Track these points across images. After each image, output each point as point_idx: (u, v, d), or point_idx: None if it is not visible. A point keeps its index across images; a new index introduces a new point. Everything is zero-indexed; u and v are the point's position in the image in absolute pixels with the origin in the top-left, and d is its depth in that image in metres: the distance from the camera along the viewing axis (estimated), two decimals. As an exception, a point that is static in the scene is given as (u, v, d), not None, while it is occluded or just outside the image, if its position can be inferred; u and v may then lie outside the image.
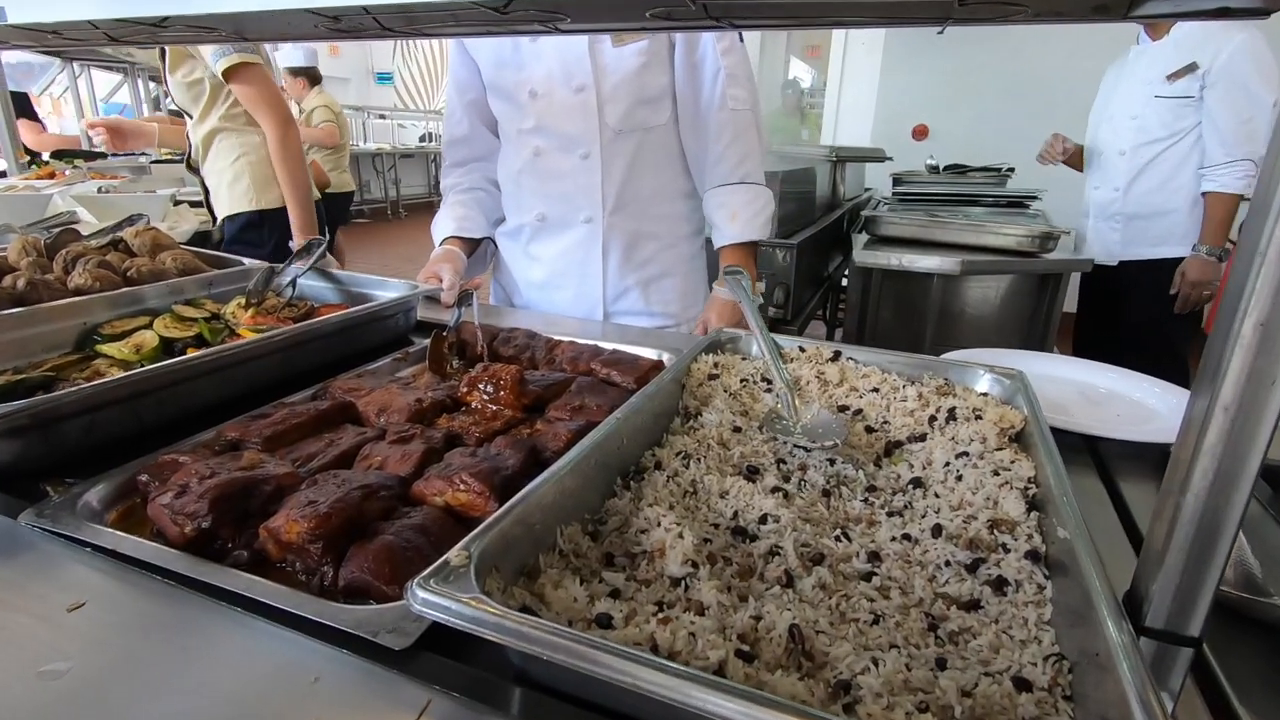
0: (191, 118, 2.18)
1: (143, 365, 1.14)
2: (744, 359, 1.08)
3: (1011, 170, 4.64)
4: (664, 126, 1.51)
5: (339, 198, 5.17)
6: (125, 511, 0.73)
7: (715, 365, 1.02)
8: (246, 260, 1.55)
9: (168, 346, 1.19)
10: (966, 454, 0.79)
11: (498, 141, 1.66)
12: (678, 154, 1.55)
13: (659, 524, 0.64)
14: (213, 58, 1.95)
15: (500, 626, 0.44)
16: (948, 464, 0.79)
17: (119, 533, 0.65)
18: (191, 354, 1.11)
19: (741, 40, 1.49)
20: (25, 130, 3.66)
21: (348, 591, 0.59)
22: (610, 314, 1.58)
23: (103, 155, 3.60)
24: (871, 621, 0.55)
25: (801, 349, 1.08)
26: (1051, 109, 5.48)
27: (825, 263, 3.65)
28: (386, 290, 1.39)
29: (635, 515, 0.68)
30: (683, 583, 0.58)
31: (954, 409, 0.90)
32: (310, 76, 5.04)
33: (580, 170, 1.47)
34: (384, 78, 12.89)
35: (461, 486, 0.69)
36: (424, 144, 12.65)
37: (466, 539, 0.54)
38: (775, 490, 0.74)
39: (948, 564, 0.63)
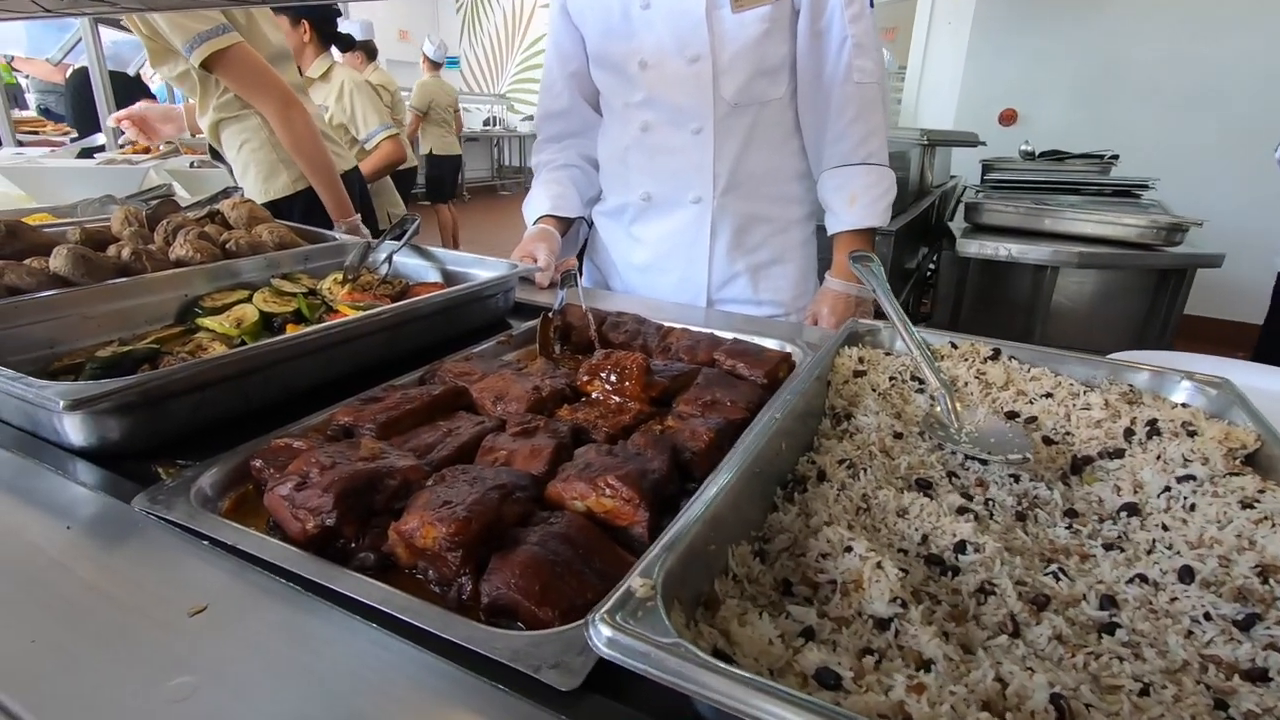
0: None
1: (243, 340, 1.10)
2: (888, 354, 0.97)
3: (1115, 157, 4.31)
4: (781, 100, 1.39)
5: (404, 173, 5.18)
6: (238, 499, 0.67)
7: (860, 361, 0.91)
8: (339, 235, 1.51)
9: (267, 321, 1.15)
10: (1192, 478, 0.66)
11: (598, 117, 1.57)
12: (793, 131, 1.43)
13: (848, 549, 0.54)
14: (185, 51, 1.73)
15: (727, 692, 0.35)
16: (1167, 489, 0.66)
17: (239, 526, 0.59)
18: (297, 330, 1.07)
19: (871, 6, 1.35)
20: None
21: (491, 610, 0.52)
22: (715, 301, 1.47)
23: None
24: (1139, 692, 0.44)
25: (953, 345, 0.96)
26: (1155, 94, 5.09)
27: (913, 253, 3.46)
28: (484, 269, 1.32)
29: (811, 535, 0.58)
30: (891, 625, 0.48)
31: (1154, 421, 0.77)
32: (367, 51, 4.99)
33: (691, 146, 1.37)
34: (451, 62, 13.01)
35: (608, 491, 0.61)
36: (488, 128, 12.73)
37: (648, 562, 0.45)
38: (963, 511, 0.63)
39: (1207, 617, 0.51)
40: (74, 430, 0.71)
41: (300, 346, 0.87)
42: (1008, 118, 5.96)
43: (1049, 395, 0.85)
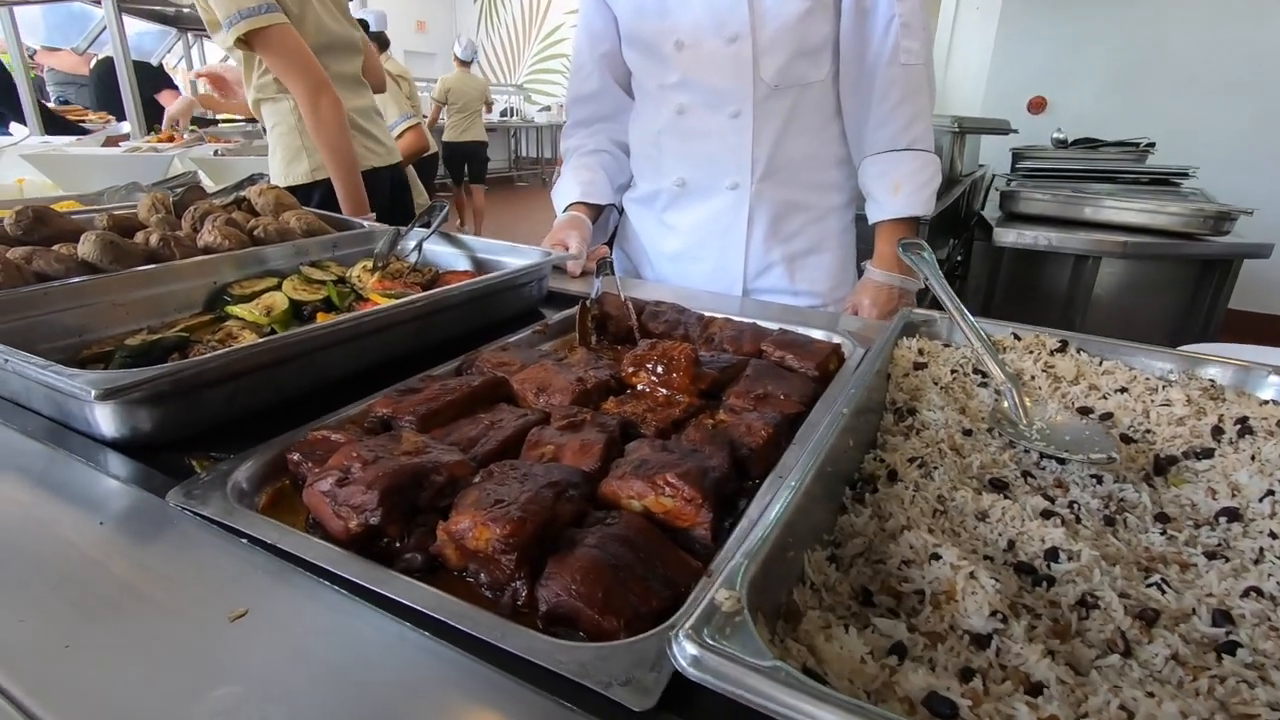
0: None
1: (273, 329, 1.08)
2: (946, 345, 0.92)
3: (1152, 145, 4.18)
4: (822, 83, 1.33)
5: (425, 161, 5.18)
6: (275, 494, 0.64)
7: (920, 353, 0.86)
8: (367, 222, 1.48)
9: (296, 310, 1.12)
10: (1298, 481, 0.61)
11: (629, 100, 1.53)
12: (834, 115, 1.37)
13: (934, 556, 0.50)
14: (225, 25, 1.70)
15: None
16: (1271, 493, 0.61)
17: (278, 524, 0.56)
18: (329, 319, 1.04)
19: None
20: (172, 100, 3.79)
21: (550, 618, 0.48)
22: (750, 291, 1.43)
23: (213, 122, 3.68)
24: (1278, 722, 0.40)
25: (1016, 336, 0.91)
26: (1192, 81, 4.93)
27: (943, 244, 3.38)
28: (516, 257, 1.29)
29: (888, 540, 0.54)
30: (991, 643, 0.43)
31: (1244, 419, 0.71)
32: (379, 41, 4.96)
33: (729, 130, 1.32)
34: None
35: (668, 490, 0.57)
36: (505, 119, 12.70)
37: (729, 572, 0.41)
38: (1047, 515, 0.58)
39: (1336, 636, 0.47)
40: (106, 421, 0.68)
41: (334, 335, 0.84)
42: (1037, 105, 5.81)
43: (1124, 390, 0.80)
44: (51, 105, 3.64)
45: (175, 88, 4.38)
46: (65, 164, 2.07)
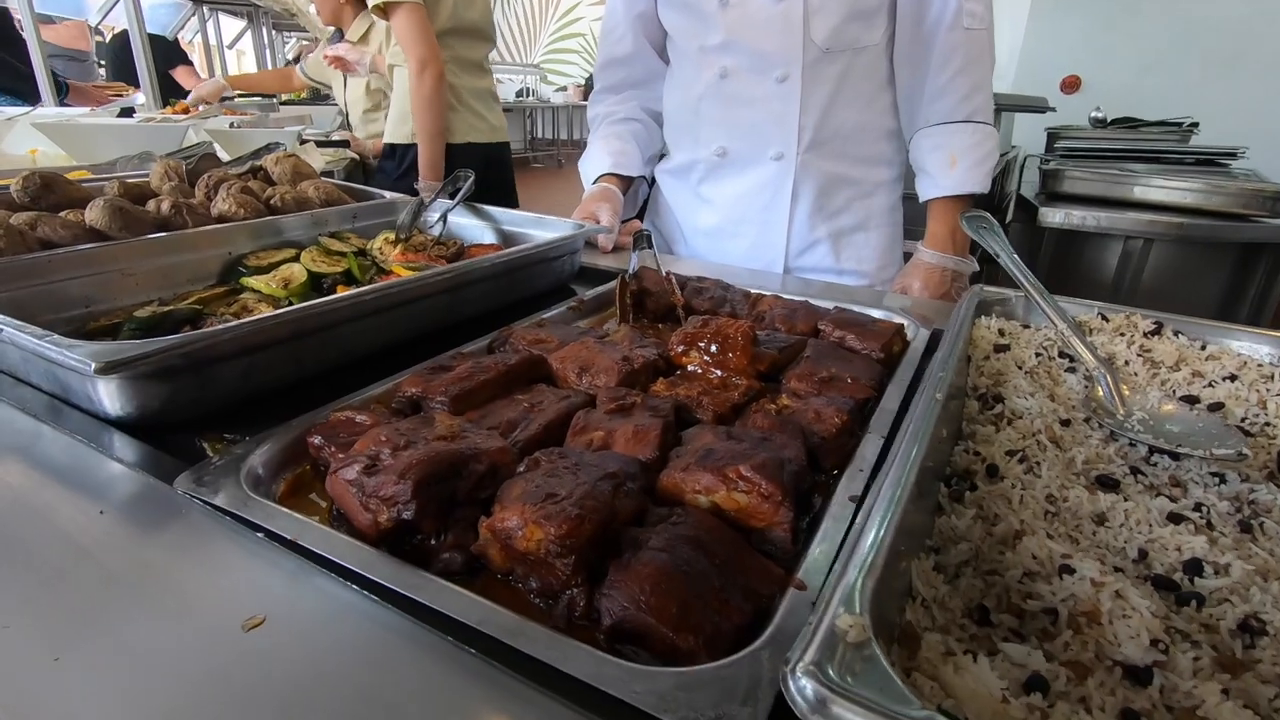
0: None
1: (291, 302, 1.01)
2: (1025, 327, 0.83)
3: (1195, 125, 4.01)
4: (876, 48, 1.24)
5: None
6: (295, 482, 0.58)
7: (1001, 334, 0.78)
8: (388, 193, 1.40)
9: (315, 282, 1.06)
10: None
11: (663, 65, 1.44)
12: (886, 84, 1.27)
13: (1066, 569, 0.42)
14: None
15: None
16: None
17: (299, 516, 0.49)
18: (349, 291, 0.97)
19: None
20: (186, 76, 3.73)
21: (615, 634, 0.41)
22: (792, 269, 1.34)
23: (228, 97, 3.62)
24: None
25: (1104, 317, 0.83)
26: (1238, 58, 4.72)
27: (976, 225, 3.26)
28: (545, 230, 1.21)
29: (1002, 547, 0.46)
30: (1153, 678, 0.36)
31: (1381, 411, 0.63)
32: None
33: (775, 96, 1.22)
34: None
35: (741, 485, 0.50)
36: (521, 99, 12.55)
37: (845, 590, 0.34)
38: (1175, 518, 0.51)
39: None
40: (108, 397, 0.62)
41: (358, 307, 0.77)
42: (1070, 85, 5.61)
43: (1233, 378, 0.71)
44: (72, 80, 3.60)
45: (190, 63, 4.32)
46: (78, 134, 2.01)
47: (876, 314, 0.93)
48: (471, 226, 1.31)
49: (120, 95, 2.96)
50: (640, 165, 1.47)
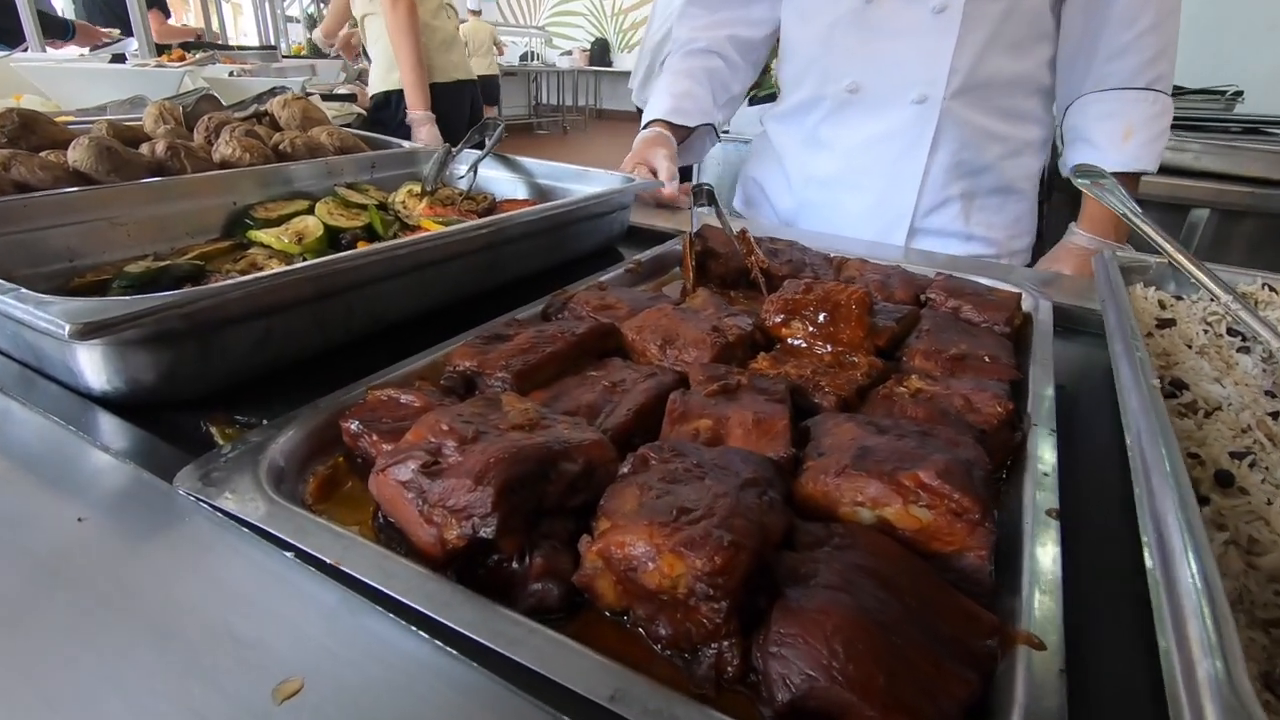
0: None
1: (305, 258, 0.88)
2: (1178, 299, 0.71)
3: (1240, 93, 3.83)
4: None
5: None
6: (326, 478, 0.46)
7: (1162, 305, 0.66)
8: (407, 142, 1.27)
9: (332, 237, 0.93)
10: None
11: None
12: (1047, 35, 1.11)
13: None
14: None
15: None
16: None
17: (339, 529, 0.37)
18: (373, 246, 0.85)
19: None
20: (156, 20, 3.53)
21: (794, 712, 0.29)
22: (917, 230, 1.18)
23: (226, 48, 3.43)
24: None
25: (1271, 289, 0.70)
26: (1275, 27, 4.52)
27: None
28: (587, 183, 1.08)
29: (1272, 585, 0.34)
30: None
31: None
32: None
33: (928, 29, 1.06)
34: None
35: (924, 497, 0.38)
36: (525, 63, 12.20)
37: (1210, 682, 0.22)
38: None
39: None
40: (91, 368, 0.50)
41: (392, 263, 0.65)
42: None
43: None
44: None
45: (164, 8, 4.09)
46: (65, 79, 1.86)
47: (985, 281, 0.81)
48: (501, 179, 1.17)
49: (110, 40, 2.79)
50: (709, 112, 1.31)
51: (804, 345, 0.62)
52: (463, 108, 2.36)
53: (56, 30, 2.61)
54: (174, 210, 0.88)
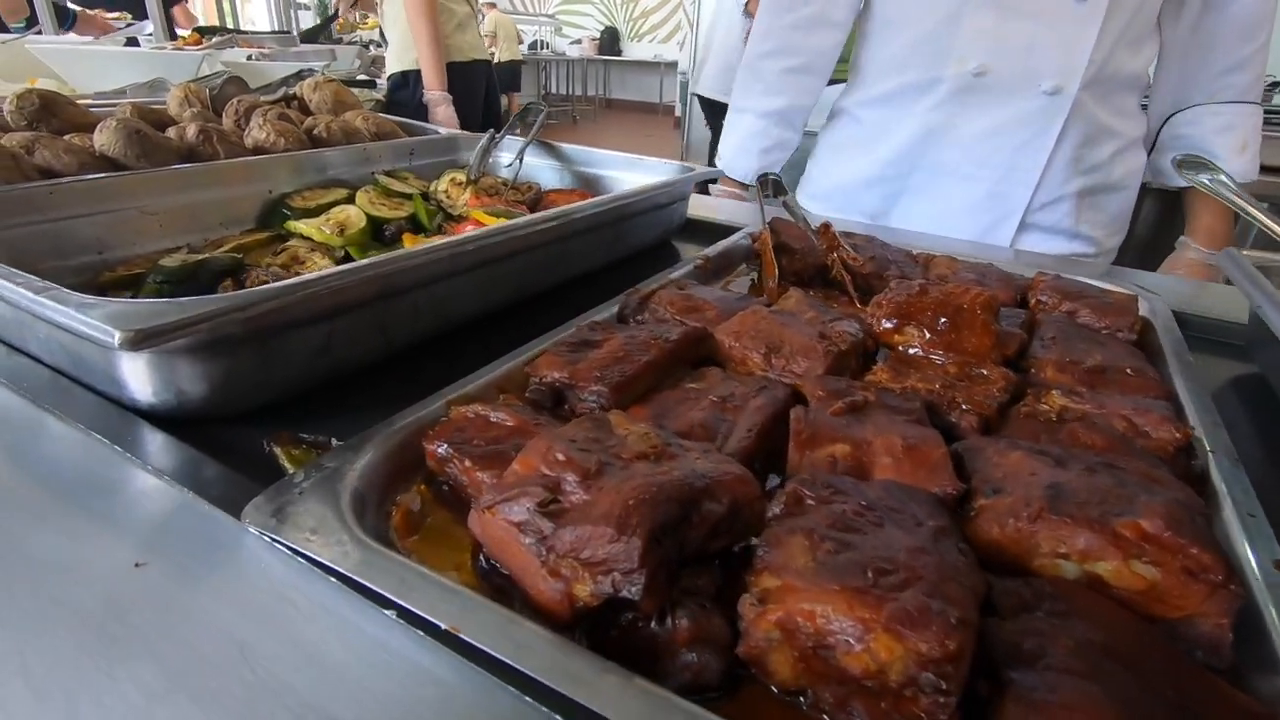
0: None
1: (346, 251, 0.82)
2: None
3: (1278, 84, 3.72)
4: None
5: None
6: (409, 509, 0.40)
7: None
8: (443, 128, 1.20)
9: (374, 229, 0.87)
10: None
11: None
12: (1154, 36, 1.06)
13: None
14: None
15: None
16: None
17: (448, 582, 0.31)
18: (419, 242, 0.79)
19: None
20: (183, 15, 3.46)
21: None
22: (1028, 225, 1.12)
23: (241, 33, 3.36)
24: None
25: None
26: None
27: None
28: (639, 172, 1.01)
29: None
30: None
31: None
32: None
33: (1071, 14, 0.99)
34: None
35: (1148, 553, 0.31)
36: (535, 53, 12.07)
37: None
38: None
39: None
40: (137, 378, 0.44)
41: (460, 258, 0.58)
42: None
43: None
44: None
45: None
46: (81, 61, 1.80)
47: (1094, 282, 0.74)
48: (542, 167, 1.10)
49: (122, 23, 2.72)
50: (796, 139, 1.27)
51: (920, 354, 0.55)
52: (478, 87, 2.33)
53: (56, 17, 2.55)
54: (207, 198, 0.82)
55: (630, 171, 1.03)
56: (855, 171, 1.22)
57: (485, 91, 2.36)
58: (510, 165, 1.04)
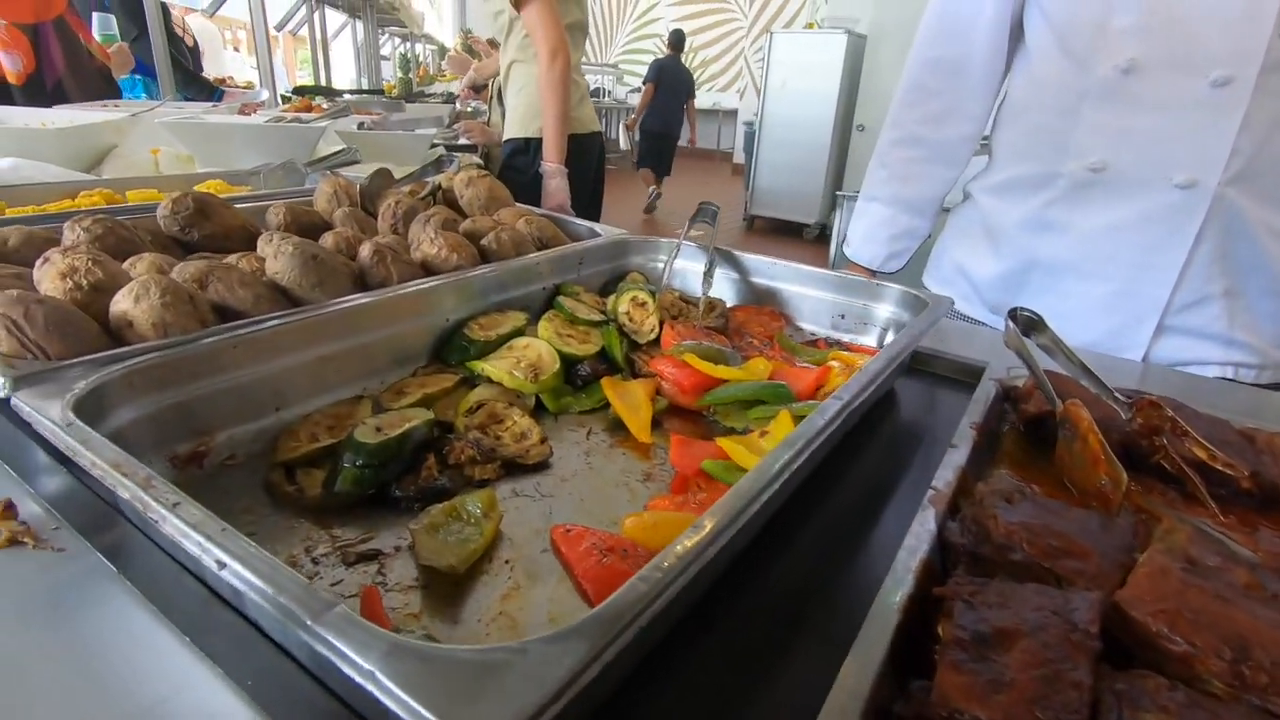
0: (498, 47, 2.29)
1: (539, 399, 0.71)
2: None
3: None
4: None
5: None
6: None
7: None
8: (599, 226, 1.09)
9: (567, 370, 0.75)
10: None
11: (995, 81, 1.09)
12: None
13: None
14: None
15: None
16: None
17: None
18: (621, 384, 0.67)
19: None
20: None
21: None
22: (1167, 328, 0.97)
23: (339, 93, 3.42)
24: None
25: None
26: None
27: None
28: (828, 289, 0.88)
29: None
30: None
31: None
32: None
33: (1204, 104, 0.86)
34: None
35: None
36: (596, 99, 12.32)
37: None
38: None
39: None
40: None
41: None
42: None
43: None
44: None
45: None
46: (203, 133, 1.78)
47: None
48: (715, 278, 0.98)
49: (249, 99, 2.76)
50: (927, 225, 1.22)
51: None
52: (591, 158, 2.31)
53: (204, 91, 2.60)
54: (381, 335, 0.72)
55: (820, 289, 0.90)
56: (975, 259, 1.14)
57: (597, 161, 2.35)
58: (706, 279, 0.91)
